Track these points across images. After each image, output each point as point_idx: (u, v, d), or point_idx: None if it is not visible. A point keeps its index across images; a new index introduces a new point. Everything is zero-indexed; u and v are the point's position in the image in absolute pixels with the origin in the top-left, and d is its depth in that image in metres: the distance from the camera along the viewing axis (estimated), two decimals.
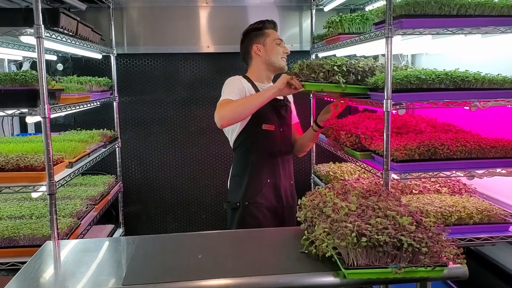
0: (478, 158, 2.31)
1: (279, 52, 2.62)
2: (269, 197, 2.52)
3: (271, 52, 2.62)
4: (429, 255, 1.50)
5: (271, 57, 2.62)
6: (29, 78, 2.20)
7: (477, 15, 2.19)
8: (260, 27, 2.66)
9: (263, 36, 2.64)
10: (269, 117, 2.55)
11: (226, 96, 2.41)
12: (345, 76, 2.33)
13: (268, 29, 2.65)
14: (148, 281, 1.54)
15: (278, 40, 2.63)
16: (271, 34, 2.64)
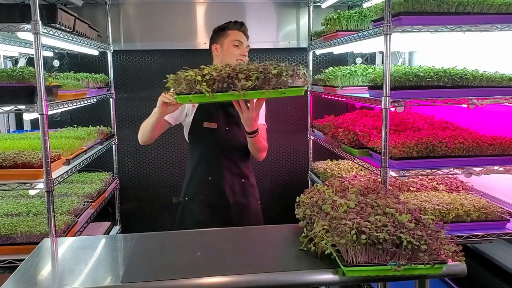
0: (475, 155, 2.32)
1: (234, 54, 2.55)
2: (210, 194, 2.53)
3: (226, 53, 2.58)
4: (428, 252, 1.50)
5: (225, 58, 2.57)
6: (27, 74, 2.19)
7: (475, 13, 2.20)
8: (224, 27, 2.62)
9: (223, 36, 2.60)
10: (212, 115, 2.53)
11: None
12: (240, 81, 1.98)
13: (232, 30, 2.60)
14: (147, 279, 1.53)
15: (237, 42, 2.56)
16: (231, 35, 2.58)
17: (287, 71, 1.97)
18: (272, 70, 1.95)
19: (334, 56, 4.11)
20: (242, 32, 2.61)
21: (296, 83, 2.01)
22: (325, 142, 3.26)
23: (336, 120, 3.14)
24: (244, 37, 2.61)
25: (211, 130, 2.52)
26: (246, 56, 2.59)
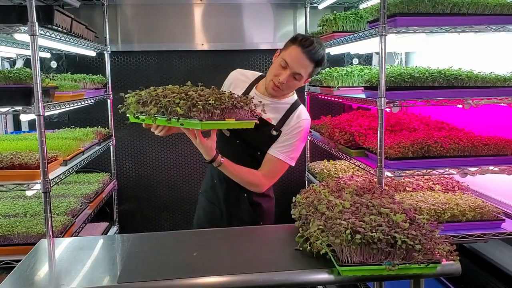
0: (471, 155, 2.33)
1: (274, 74, 2.17)
2: (211, 196, 2.42)
3: (272, 67, 2.22)
4: (423, 252, 1.51)
5: (268, 71, 2.25)
6: (23, 75, 2.20)
7: (470, 14, 2.22)
8: (294, 38, 2.16)
9: (286, 47, 2.17)
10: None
11: None
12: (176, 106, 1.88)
13: (295, 45, 2.11)
14: (143, 279, 1.54)
15: (284, 62, 2.11)
16: (289, 50, 2.12)
17: (230, 102, 1.85)
18: (211, 100, 1.82)
19: (331, 57, 4.12)
20: (306, 54, 2.08)
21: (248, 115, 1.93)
22: (322, 142, 3.28)
23: (333, 121, 3.15)
24: (303, 61, 2.09)
25: (224, 137, 2.30)
26: (289, 86, 2.18)
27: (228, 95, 1.91)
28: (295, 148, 2.25)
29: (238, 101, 1.90)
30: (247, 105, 1.93)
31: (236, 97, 1.93)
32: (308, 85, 3.97)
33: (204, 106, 1.81)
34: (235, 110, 1.88)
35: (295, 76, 2.13)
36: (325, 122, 3.26)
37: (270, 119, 2.23)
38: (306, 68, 2.11)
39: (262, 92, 2.28)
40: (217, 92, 1.93)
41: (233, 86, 2.36)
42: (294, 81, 2.15)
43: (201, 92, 1.91)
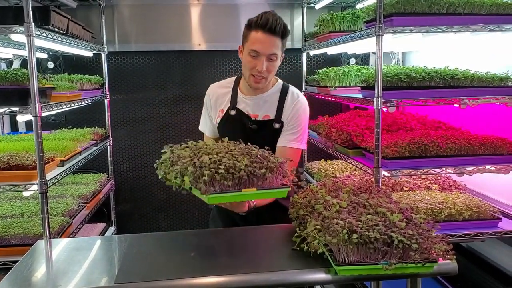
0: (467, 155, 2.34)
1: (250, 68, 2.07)
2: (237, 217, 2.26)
3: (243, 63, 2.12)
4: (419, 251, 1.52)
5: (243, 69, 2.14)
6: (20, 76, 2.19)
7: (466, 14, 2.22)
8: (249, 24, 2.06)
9: (245, 38, 2.08)
10: (231, 137, 2.02)
11: (200, 125, 2.37)
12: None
13: (255, 30, 2.02)
14: (140, 279, 1.54)
15: (253, 52, 2.02)
16: (251, 39, 2.03)
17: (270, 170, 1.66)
18: (257, 170, 1.63)
19: (328, 57, 4.13)
20: (268, 32, 2.00)
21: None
22: (319, 142, 3.28)
23: (330, 121, 3.15)
24: (270, 42, 2.01)
25: None
26: (270, 70, 2.07)
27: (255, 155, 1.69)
28: (303, 130, 2.20)
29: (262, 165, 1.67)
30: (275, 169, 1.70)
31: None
32: (305, 85, 3.97)
33: (214, 176, 1.60)
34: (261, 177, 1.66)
35: (271, 57, 2.04)
36: (322, 122, 3.26)
37: (267, 115, 2.19)
38: (276, 45, 2.03)
39: (247, 93, 2.21)
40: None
41: (219, 103, 2.25)
42: (272, 62, 2.06)
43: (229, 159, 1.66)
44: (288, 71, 4.16)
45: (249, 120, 2.17)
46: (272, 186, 1.69)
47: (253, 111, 2.19)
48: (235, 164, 1.61)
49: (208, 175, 1.57)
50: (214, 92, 2.28)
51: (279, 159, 1.74)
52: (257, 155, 1.70)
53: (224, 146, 1.78)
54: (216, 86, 2.30)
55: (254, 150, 1.74)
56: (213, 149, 1.73)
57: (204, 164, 1.61)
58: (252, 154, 1.70)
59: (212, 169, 1.59)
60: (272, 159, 1.71)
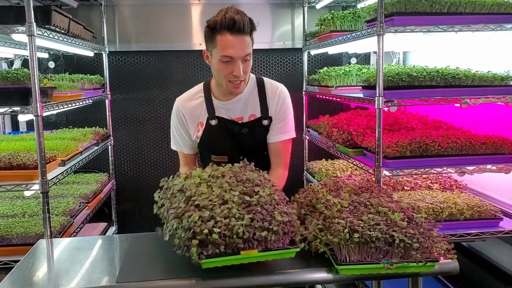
0: (468, 154, 2.34)
1: (225, 75, 1.94)
2: None
3: (215, 70, 1.99)
4: (421, 250, 1.52)
5: (216, 76, 2.02)
6: (21, 76, 2.20)
7: (467, 13, 2.22)
8: (213, 26, 1.88)
9: (211, 43, 1.92)
10: (220, 147, 2.13)
11: (172, 145, 2.24)
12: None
13: (221, 34, 1.86)
14: (141, 279, 1.54)
15: (226, 58, 1.88)
16: (219, 43, 1.88)
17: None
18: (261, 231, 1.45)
19: (329, 56, 4.13)
20: (237, 33, 1.86)
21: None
22: (320, 142, 3.28)
23: (331, 120, 3.15)
24: (241, 43, 1.88)
25: (221, 163, 1.99)
26: (246, 72, 1.97)
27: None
28: (290, 118, 2.16)
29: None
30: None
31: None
32: (306, 84, 3.97)
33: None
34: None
35: (245, 58, 1.92)
36: (323, 121, 3.26)
37: (253, 114, 2.13)
38: (248, 44, 1.91)
39: (223, 98, 2.10)
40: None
41: (195, 116, 2.12)
42: (247, 63, 1.95)
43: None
44: (289, 70, 4.16)
45: (237, 125, 2.10)
46: (278, 246, 1.49)
47: (236, 114, 2.10)
48: (232, 228, 1.42)
49: (200, 239, 1.40)
50: (185, 107, 2.13)
51: (287, 210, 1.54)
52: (258, 208, 1.49)
53: (219, 189, 1.57)
54: (184, 99, 2.15)
55: (254, 199, 1.53)
56: (205, 197, 1.53)
57: (193, 225, 1.42)
58: (252, 205, 1.50)
59: (205, 230, 1.40)
60: (277, 214, 1.49)
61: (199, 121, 2.12)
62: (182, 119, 2.13)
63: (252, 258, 1.46)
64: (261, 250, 1.46)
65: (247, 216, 1.44)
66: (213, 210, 1.47)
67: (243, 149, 2.12)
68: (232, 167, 1.74)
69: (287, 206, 1.58)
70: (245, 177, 1.66)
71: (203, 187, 1.60)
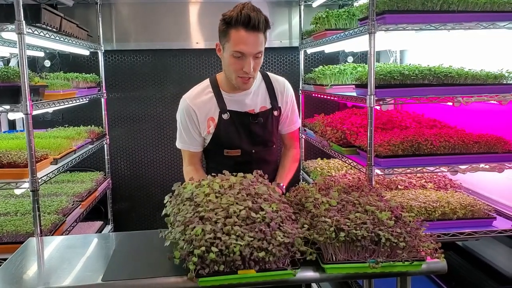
0: (461, 153, 2.32)
1: (235, 69, 1.97)
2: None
3: (225, 64, 2.01)
4: (407, 249, 1.51)
5: (226, 70, 2.05)
6: (11, 74, 2.19)
7: (460, 11, 2.20)
8: (229, 21, 1.91)
9: (225, 36, 1.94)
10: (233, 141, 2.14)
11: (178, 143, 2.22)
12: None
13: (236, 29, 1.89)
14: (127, 277, 1.53)
15: (237, 53, 1.91)
16: (233, 38, 1.90)
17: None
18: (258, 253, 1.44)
19: (326, 55, 4.12)
20: (252, 30, 1.88)
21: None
22: (315, 141, 3.27)
23: (326, 119, 3.14)
24: (254, 40, 1.90)
25: (234, 157, 2.15)
26: (256, 69, 1.99)
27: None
28: (296, 110, 2.32)
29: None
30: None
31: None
32: (302, 83, 3.96)
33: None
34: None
35: (257, 55, 1.94)
36: (318, 120, 3.25)
37: (264, 106, 2.18)
38: (261, 42, 1.93)
39: (233, 91, 2.12)
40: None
41: (206, 113, 2.13)
42: (258, 60, 1.97)
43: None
44: (285, 69, 4.15)
45: (250, 116, 2.13)
46: (277, 266, 1.48)
47: (247, 107, 2.15)
48: (228, 246, 1.41)
49: (198, 255, 1.41)
50: (195, 103, 2.12)
51: (291, 230, 1.51)
52: (262, 226, 1.48)
53: (226, 201, 1.58)
54: (193, 96, 2.14)
55: (260, 215, 1.52)
56: (211, 208, 1.55)
57: (195, 238, 1.43)
58: (256, 222, 1.50)
59: (204, 247, 1.41)
60: (279, 234, 1.48)
61: (210, 117, 2.12)
62: (192, 117, 2.12)
63: (249, 279, 1.46)
64: (260, 270, 1.45)
65: (247, 235, 1.45)
66: (216, 224, 1.47)
67: (255, 142, 2.17)
68: (243, 179, 1.75)
69: (292, 225, 1.57)
70: (254, 191, 1.66)
71: (212, 197, 1.61)
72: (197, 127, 2.14)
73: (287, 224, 1.55)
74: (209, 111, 2.12)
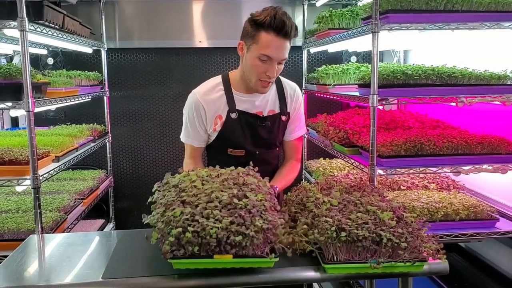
0: (464, 154, 2.31)
1: (258, 72, 1.96)
2: None
3: (248, 64, 1.99)
4: (409, 250, 1.50)
5: (246, 70, 2.03)
6: (13, 71, 2.19)
7: (464, 11, 2.19)
8: (259, 23, 1.90)
9: (252, 37, 1.93)
10: (239, 140, 2.13)
11: (182, 137, 2.21)
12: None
13: (267, 31, 1.89)
14: (127, 275, 1.53)
15: (264, 57, 1.91)
16: (262, 41, 1.90)
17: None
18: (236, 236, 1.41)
19: (329, 55, 4.10)
20: (283, 37, 1.89)
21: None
22: (318, 140, 3.26)
23: (329, 119, 3.13)
24: (283, 47, 1.91)
25: (237, 157, 2.14)
26: (278, 74, 2.02)
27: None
28: (303, 116, 2.30)
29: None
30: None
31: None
32: (305, 82, 3.95)
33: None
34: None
35: (281, 62, 1.97)
36: (321, 120, 3.24)
37: (272, 110, 2.17)
38: (288, 49, 1.95)
39: (244, 91, 2.12)
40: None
41: (215, 110, 2.11)
42: (281, 66, 1.99)
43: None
44: (289, 68, 4.14)
45: (258, 118, 2.13)
46: (255, 253, 1.45)
47: (256, 108, 2.14)
48: (205, 227, 1.39)
49: (175, 235, 1.38)
50: (205, 99, 2.11)
51: (271, 218, 1.49)
52: (242, 212, 1.46)
53: (211, 188, 1.57)
54: (204, 92, 2.13)
55: (242, 202, 1.50)
56: (194, 193, 1.54)
57: (173, 219, 1.42)
58: (237, 208, 1.48)
59: (180, 227, 1.39)
60: (258, 220, 1.45)
61: (218, 114, 2.11)
62: (201, 112, 2.11)
63: (225, 264, 1.44)
64: (237, 256, 1.43)
65: (226, 219, 1.42)
66: (196, 208, 1.46)
67: (260, 144, 2.17)
68: (233, 170, 1.74)
69: (274, 214, 1.55)
70: (242, 180, 1.65)
71: (198, 183, 1.60)
72: (204, 123, 2.14)
73: (270, 212, 1.52)
74: (218, 108, 2.11)
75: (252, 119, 2.12)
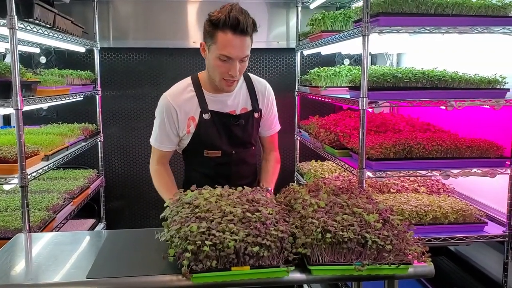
0: (454, 157, 2.32)
1: (220, 72, 1.93)
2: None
3: (210, 64, 1.97)
4: (394, 253, 1.50)
5: (210, 71, 2.00)
6: (2, 69, 2.18)
7: (454, 15, 2.20)
8: (215, 22, 1.86)
9: (211, 38, 1.89)
10: (214, 141, 2.09)
11: (152, 140, 2.23)
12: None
13: (223, 32, 1.84)
14: (112, 275, 1.52)
15: (224, 57, 1.87)
16: (220, 40, 1.85)
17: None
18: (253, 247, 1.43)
19: (323, 57, 4.11)
20: (240, 34, 1.85)
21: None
22: (309, 142, 3.26)
23: (320, 121, 3.14)
24: (241, 45, 1.87)
25: (214, 158, 2.12)
26: (241, 72, 1.97)
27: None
28: (276, 111, 2.27)
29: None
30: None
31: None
32: (298, 84, 3.96)
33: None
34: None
35: (243, 59, 1.92)
36: (312, 122, 3.25)
37: (244, 108, 2.14)
38: (248, 46, 1.90)
39: (215, 91, 2.08)
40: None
41: (186, 112, 2.07)
42: (244, 63, 1.95)
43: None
44: (282, 70, 4.15)
45: (232, 117, 2.10)
46: (272, 264, 1.47)
47: (229, 108, 2.10)
48: (223, 241, 1.41)
49: (192, 250, 1.39)
50: (177, 102, 2.07)
51: (284, 228, 1.51)
52: (257, 224, 1.48)
53: (222, 205, 1.59)
54: (175, 94, 2.10)
55: (256, 215, 1.52)
56: (211, 209, 1.56)
57: (189, 234, 1.43)
58: (251, 221, 1.50)
59: (198, 241, 1.40)
60: (273, 230, 1.48)
61: (190, 116, 2.07)
62: (172, 115, 2.07)
63: (243, 276, 1.45)
64: (253, 267, 1.44)
65: (242, 231, 1.45)
66: (211, 223, 1.48)
67: (235, 143, 2.13)
68: (243, 190, 1.76)
69: (286, 225, 1.57)
70: (251, 197, 1.68)
71: (213, 200, 1.63)
72: (176, 126, 2.10)
73: (281, 223, 1.56)
74: (190, 110, 2.07)
75: (226, 119, 2.08)
